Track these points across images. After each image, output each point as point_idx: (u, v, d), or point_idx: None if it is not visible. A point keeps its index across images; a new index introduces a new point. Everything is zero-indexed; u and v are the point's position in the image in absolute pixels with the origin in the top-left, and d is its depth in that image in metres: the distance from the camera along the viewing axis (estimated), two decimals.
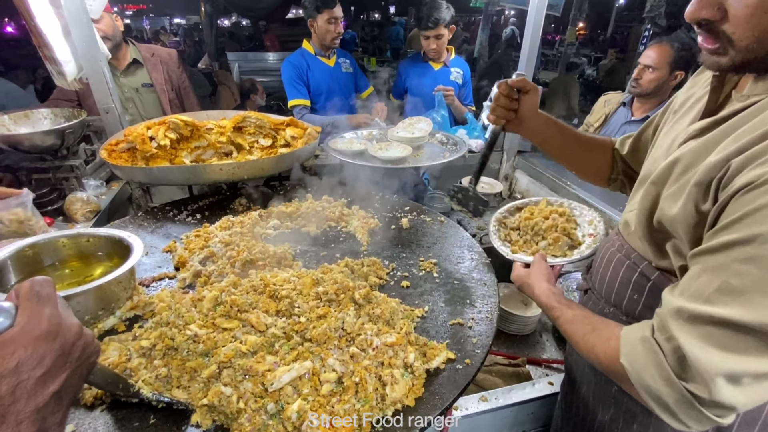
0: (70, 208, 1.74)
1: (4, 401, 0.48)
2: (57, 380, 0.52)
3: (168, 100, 2.58)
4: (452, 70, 2.93)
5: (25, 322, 0.52)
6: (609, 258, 0.93)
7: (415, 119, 2.37)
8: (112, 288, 1.00)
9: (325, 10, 2.56)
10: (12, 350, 0.49)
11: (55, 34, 1.87)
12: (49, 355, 0.52)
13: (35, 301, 0.54)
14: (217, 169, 1.55)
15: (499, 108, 1.10)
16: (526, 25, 2.30)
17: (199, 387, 0.80)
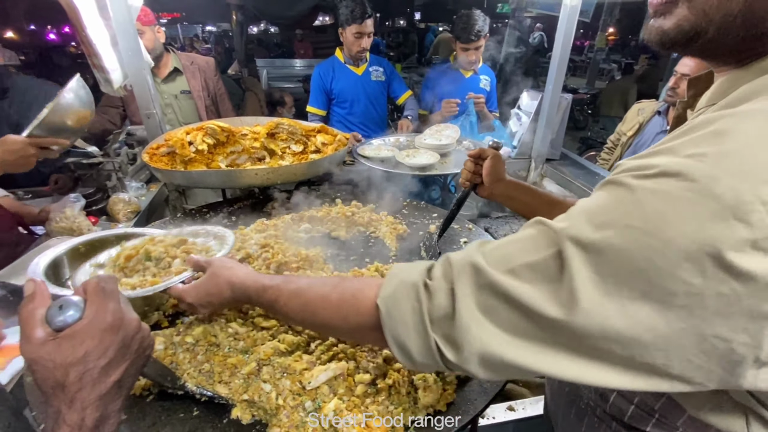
0: (113, 208, 1.84)
1: (72, 387, 0.53)
2: (118, 370, 0.57)
3: (204, 106, 2.69)
4: (481, 77, 2.94)
5: (93, 315, 0.57)
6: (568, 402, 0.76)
7: (442, 126, 2.40)
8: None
9: (353, 24, 2.62)
10: (81, 341, 0.54)
11: (103, 44, 1.99)
12: (112, 347, 0.56)
13: (101, 296, 0.59)
14: (252, 174, 1.61)
15: (465, 171, 1.22)
16: (557, 32, 2.29)
17: (240, 383, 0.84)
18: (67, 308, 0.55)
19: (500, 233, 1.81)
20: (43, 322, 0.54)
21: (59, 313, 0.54)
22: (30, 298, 0.56)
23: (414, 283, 0.57)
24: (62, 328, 0.54)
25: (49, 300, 0.57)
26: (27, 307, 0.55)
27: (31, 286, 0.57)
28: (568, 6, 2.19)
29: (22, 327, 0.54)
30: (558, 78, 2.35)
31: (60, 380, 0.52)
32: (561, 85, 2.39)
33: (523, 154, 2.62)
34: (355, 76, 2.88)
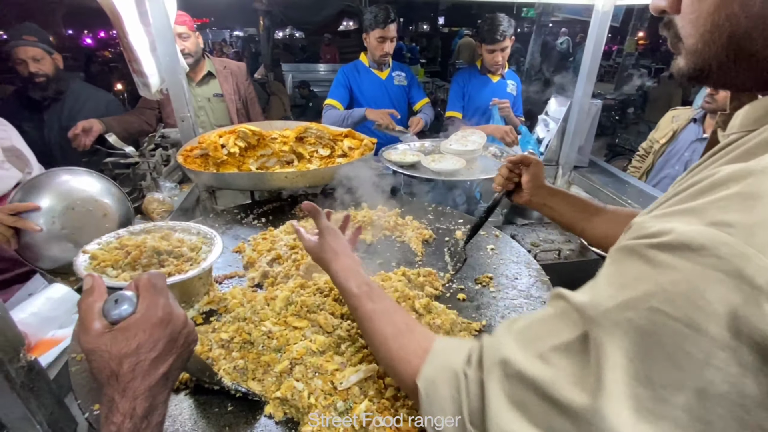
0: (148, 207, 1.92)
1: (125, 377, 0.56)
2: (166, 363, 0.60)
3: (235, 110, 2.78)
4: (508, 82, 2.93)
5: (145, 309, 0.60)
6: None
7: (468, 131, 2.39)
8: (194, 283, 1.10)
9: (376, 29, 2.66)
10: (134, 333, 0.57)
11: (143, 50, 2.08)
12: (162, 340, 0.59)
13: (152, 292, 0.62)
14: (281, 177, 1.65)
15: (499, 176, 1.21)
16: (588, 37, 2.26)
17: (272, 380, 0.86)
18: (122, 302, 0.58)
19: (526, 240, 1.79)
20: (100, 315, 0.57)
21: (115, 307, 0.57)
22: (89, 291, 0.60)
23: (455, 371, 0.55)
24: (117, 321, 0.57)
25: (105, 294, 0.60)
26: (86, 300, 0.59)
27: (89, 280, 0.61)
28: (600, 12, 2.16)
29: (81, 319, 0.58)
30: (588, 84, 2.32)
31: (114, 370, 0.55)
32: (591, 91, 2.35)
33: (549, 160, 2.59)
34: (379, 79, 2.92)
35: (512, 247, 1.46)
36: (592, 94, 2.37)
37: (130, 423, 0.55)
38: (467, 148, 2.20)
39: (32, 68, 2.35)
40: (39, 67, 2.37)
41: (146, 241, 1.15)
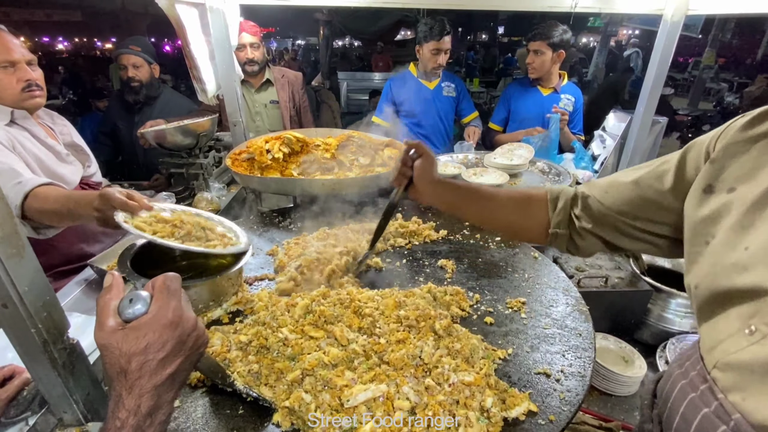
0: (197, 205, 2.03)
1: (133, 375, 0.58)
2: (173, 364, 0.61)
3: (289, 117, 2.90)
4: (562, 96, 2.78)
5: (156, 310, 0.62)
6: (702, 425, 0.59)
7: (515, 145, 2.30)
8: (224, 283, 1.13)
9: (431, 41, 2.65)
10: (144, 333, 0.59)
11: (203, 58, 2.23)
12: (170, 342, 0.61)
13: (166, 294, 0.64)
14: (319, 184, 1.68)
15: (394, 170, 1.10)
16: (654, 49, 2.10)
17: (283, 388, 0.86)
18: (136, 302, 0.60)
19: (570, 264, 1.67)
20: (115, 313, 0.60)
21: (129, 306, 0.60)
22: (107, 289, 0.63)
23: None
24: (130, 320, 0.59)
25: (122, 293, 0.63)
26: (104, 297, 0.62)
27: (109, 278, 0.64)
28: (669, 22, 1.99)
29: (98, 314, 0.61)
30: (651, 99, 2.14)
31: (123, 367, 0.57)
32: (654, 106, 2.17)
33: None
34: (426, 90, 2.90)
35: (551, 271, 1.37)
36: (661, 107, 2.19)
37: (134, 420, 0.57)
38: (512, 162, 2.11)
39: (130, 73, 2.70)
40: (136, 74, 2.71)
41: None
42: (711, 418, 0.58)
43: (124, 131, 2.80)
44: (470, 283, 1.33)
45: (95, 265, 1.53)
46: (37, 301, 0.81)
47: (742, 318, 0.57)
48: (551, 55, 2.62)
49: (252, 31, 2.72)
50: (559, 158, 2.58)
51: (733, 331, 0.58)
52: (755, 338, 0.54)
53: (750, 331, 0.55)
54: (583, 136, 2.89)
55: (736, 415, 0.54)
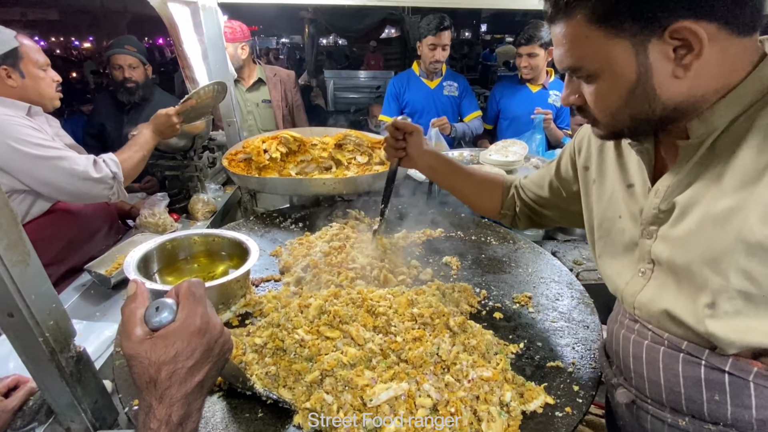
0: (193, 207, 1.99)
1: (162, 384, 0.56)
2: (202, 371, 0.60)
3: (282, 116, 2.86)
4: (551, 92, 2.82)
5: (184, 318, 0.60)
6: (650, 355, 0.74)
7: (509, 142, 2.32)
8: (232, 286, 1.12)
9: (428, 36, 2.65)
10: (173, 342, 0.58)
11: (196, 57, 2.18)
12: (199, 349, 0.59)
13: (192, 300, 0.62)
14: (320, 183, 1.66)
15: (388, 148, 1.30)
16: None
17: (302, 390, 0.85)
18: (163, 310, 0.59)
19: (568, 258, 1.70)
20: (142, 322, 0.58)
21: (156, 314, 0.58)
22: (132, 298, 0.61)
23: None
24: (158, 329, 0.58)
25: (147, 301, 0.61)
26: (129, 306, 0.60)
27: (133, 286, 0.62)
28: None
29: (123, 324, 0.59)
30: None
31: (153, 377, 0.56)
32: None
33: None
34: (427, 88, 2.91)
35: (553, 266, 1.39)
36: None
37: (166, 429, 0.55)
38: (507, 159, 2.13)
39: (127, 74, 2.63)
40: (132, 74, 2.64)
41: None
42: (651, 345, 0.75)
43: (113, 132, 2.72)
44: (476, 279, 1.34)
45: (93, 270, 1.48)
46: (43, 309, 0.79)
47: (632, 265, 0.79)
48: (543, 54, 2.65)
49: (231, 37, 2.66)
50: (551, 154, 2.61)
51: (629, 277, 0.79)
52: (647, 277, 0.75)
53: (642, 273, 0.76)
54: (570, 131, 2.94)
55: (665, 335, 0.72)
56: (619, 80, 0.65)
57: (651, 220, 0.74)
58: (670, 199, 0.71)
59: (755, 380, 0.63)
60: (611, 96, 0.67)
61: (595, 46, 0.64)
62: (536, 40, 2.58)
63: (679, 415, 0.71)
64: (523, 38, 2.62)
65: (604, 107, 0.70)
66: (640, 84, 0.64)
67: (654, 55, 0.61)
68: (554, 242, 1.86)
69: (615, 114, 0.69)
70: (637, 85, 0.64)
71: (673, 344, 0.71)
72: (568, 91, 0.75)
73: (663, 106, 0.65)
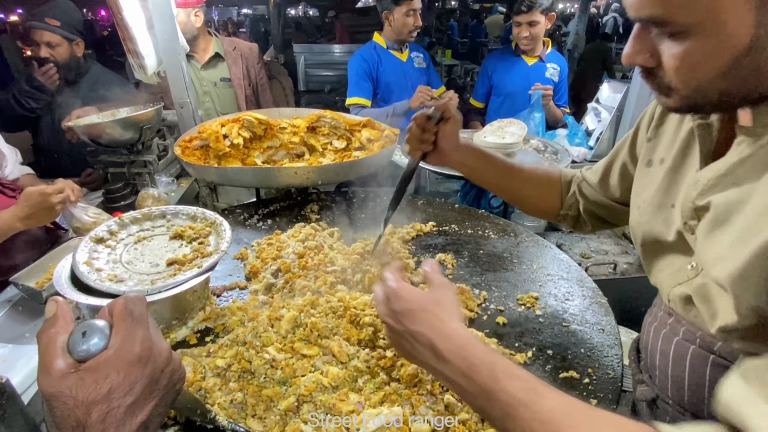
0: (142, 204, 1.88)
1: (94, 429, 0.49)
2: (145, 409, 0.53)
3: (244, 96, 2.74)
4: (548, 65, 2.80)
5: (119, 344, 0.53)
6: (678, 352, 0.75)
7: (505, 122, 2.29)
8: (188, 297, 1.04)
9: (404, 2, 2.58)
10: (105, 375, 0.51)
11: (139, 28, 2.06)
12: (140, 382, 0.53)
13: (129, 322, 0.55)
14: (291, 173, 1.59)
15: (413, 140, 1.13)
16: None
17: (276, 419, 0.80)
18: (92, 335, 0.52)
19: (575, 251, 1.68)
20: (64, 351, 0.51)
21: (82, 341, 0.51)
22: (51, 321, 0.54)
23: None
24: (85, 359, 0.51)
25: (71, 324, 0.54)
26: (47, 332, 0.53)
27: (53, 306, 0.55)
28: None
29: (41, 355, 0.52)
30: None
31: (81, 420, 0.49)
32: None
33: (601, 155, 2.46)
34: (400, 62, 2.83)
35: (561, 261, 1.36)
36: None
37: None
38: (504, 141, 2.10)
39: (43, 53, 2.39)
40: (51, 53, 2.41)
41: None
42: (681, 342, 0.74)
43: (45, 118, 2.54)
44: (474, 278, 1.30)
45: (20, 282, 1.38)
46: None
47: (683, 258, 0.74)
48: (544, 22, 2.62)
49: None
50: (552, 134, 2.60)
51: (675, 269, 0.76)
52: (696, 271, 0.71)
53: (692, 267, 0.72)
54: (569, 109, 2.93)
55: (699, 333, 0.71)
56: (724, 42, 0.54)
57: (689, 214, 0.71)
58: (707, 196, 0.66)
59: None
60: (707, 62, 0.56)
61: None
62: (537, 6, 2.55)
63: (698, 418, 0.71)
64: (524, 5, 2.57)
65: (692, 75, 0.58)
66: (753, 52, 0.53)
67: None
68: (559, 234, 1.85)
69: (704, 86, 0.58)
70: (748, 52, 0.53)
71: (705, 344, 0.70)
72: (636, 48, 0.62)
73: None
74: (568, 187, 1.14)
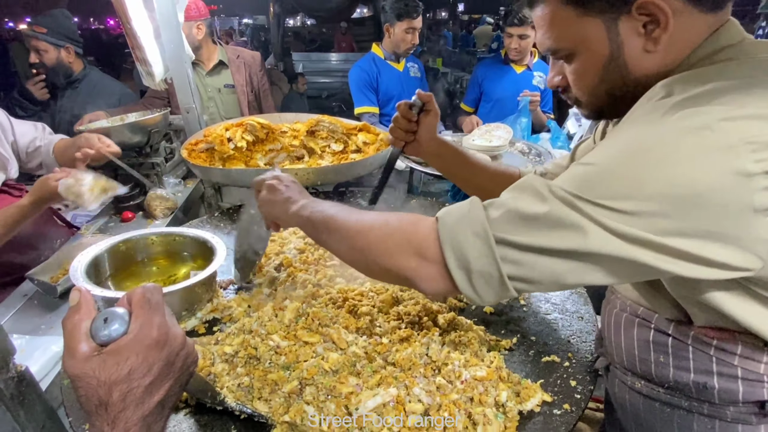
0: (151, 204, 1.89)
1: (115, 407, 0.51)
2: (162, 389, 0.55)
3: (247, 102, 2.75)
4: (535, 74, 2.83)
5: (138, 329, 0.55)
6: (616, 321, 0.85)
7: (492, 126, 2.32)
8: (197, 290, 1.06)
9: (405, 19, 2.60)
10: (125, 357, 0.53)
11: (147, 37, 2.06)
12: (157, 364, 0.55)
13: (147, 309, 0.57)
14: (292, 174, 1.60)
15: (397, 129, 1.17)
16: None
17: (280, 401, 0.82)
18: (112, 321, 0.53)
19: None
20: (87, 336, 0.53)
21: (104, 327, 0.53)
22: (75, 309, 0.55)
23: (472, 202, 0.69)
24: (107, 343, 0.53)
25: (94, 312, 0.56)
26: (72, 318, 0.54)
27: (76, 295, 0.56)
28: None
29: (66, 340, 0.53)
30: None
31: (104, 399, 0.51)
32: None
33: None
34: (397, 72, 2.85)
35: None
36: None
37: None
38: (491, 144, 2.12)
39: (32, 59, 2.43)
40: (39, 58, 2.44)
41: None
42: (619, 313, 0.83)
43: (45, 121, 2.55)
44: None
45: (35, 278, 1.39)
46: None
47: None
48: (533, 36, 2.65)
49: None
50: (535, 138, 2.64)
51: None
52: None
53: None
54: (553, 114, 2.97)
55: (628, 302, 0.81)
56: (593, 57, 0.70)
57: None
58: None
59: (693, 344, 0.71)
60: (588, 74, 0.73)
61: (570, 25, 0.69)
62: (529, 22, 2.58)
63: (635, 377, 0.81)
64: (516, 18, 2.60)
65: (583, 85, 0.75)
66: (612, 59, 0.69)
67: (624, 31, 0.66)
68: None
69: (593, 91, 0.74)
70: (610, 60, 0.69)
71: (632, 311, 0.81)
72: (553, 73, 0.81)
73: (636, 80, 0.69)
74: None
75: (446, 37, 11.32)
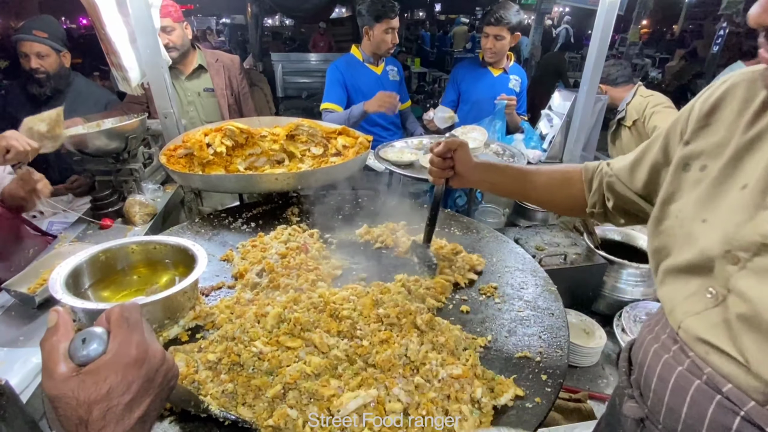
0: (129, 210, 1.86)
1: (95, 426, 0.51)
2: (142, 405, 0.56)
3: (227, 105, 2.72)
4: (511, 77, 2.88)
5: (117, 348, 0.55)
6: (676, 382, 0.67)
7: (468, 128, 2.36)
8: (179, 298, 1.06)
9: (384, 20, 2.59)
10: (104, 377, 0.53)
11: (122, 42, 2.01)
12: (136, 382, 0.55)
13: (125, 328, 0.57)
14: (272, 179, 1.61)
15: (434, 169, 1.18)
16: (594, 28, 2.24)
17: (264, 406, 0.83)
18: (91, 341, 0.53)
19: (530, 244, 1.76)
20: (66, 357, 0.53)
21: (82, 347, 0.53)
22: (53, 330, 0.55)
23: None
24: (85, 363, 0.53)
25: (72, 332, 0.56)
26: (50, 339, 0.54)
27: (54, 316, 0.56)
28: (607, 1, 2.13)
29: (44, 361, 0.53)
30: (594, 77, 2.29)
31: (83, 418, 0.51)
32: (597, 84, 2.32)
33: (553, 157, 2.57)
34: (375, 75, 2.85)
35: (517, 254, 1.43)
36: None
37: None
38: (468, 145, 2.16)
39: (34, 64, 2.35)
40: (41, 64, 2.36)
41: None
42: (685, 374, 0.66)
43: None
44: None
45: (12, 289, 1.35)
46: None
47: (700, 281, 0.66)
48: (509, 39, 2.68)
49: (164, 12, 2.45)
50: (509, 139, 2.69)
51: (690, 293, 0.67)
52: (716, 300, 0.63)
53: (711, 294, 0.64)
54: (527, 116, 3.03)
55: (707, 369, 0.63)
56: None
57: (747, 246, 0.60)
58: None
59: None
60: None
61: None
62: (504, 22, 2.61)
63: None
64: (492, 18, 2.62)
65: None
66: None
67: None
68: (516, 229, 1.92)
69: None
70: None
71: (712, 382, 0.61)
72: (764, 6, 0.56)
73: None
74: (590, 185, 1.05)
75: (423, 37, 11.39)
